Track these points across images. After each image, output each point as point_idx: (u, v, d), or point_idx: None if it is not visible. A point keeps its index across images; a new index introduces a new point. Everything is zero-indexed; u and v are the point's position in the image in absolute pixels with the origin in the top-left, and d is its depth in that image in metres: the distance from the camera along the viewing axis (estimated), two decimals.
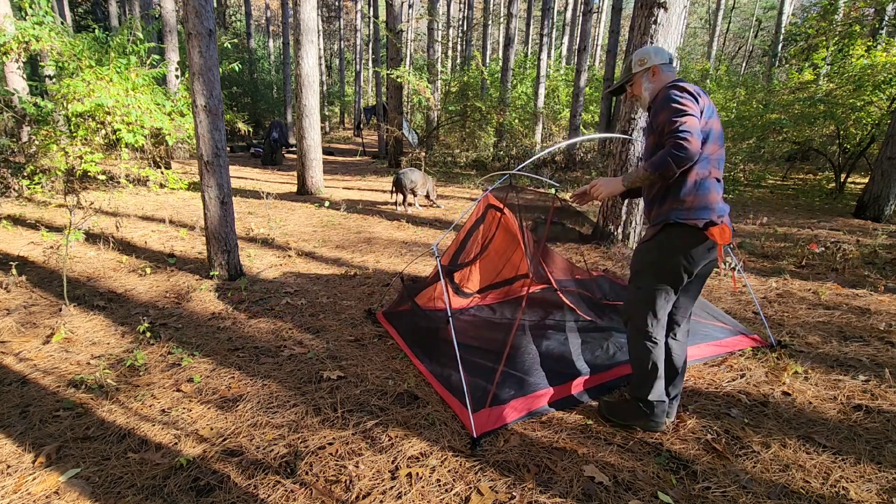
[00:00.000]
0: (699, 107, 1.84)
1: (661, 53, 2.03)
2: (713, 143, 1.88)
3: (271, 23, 25.24)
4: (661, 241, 1.93)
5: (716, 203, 1.86)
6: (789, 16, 14.79)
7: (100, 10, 19.61)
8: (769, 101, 9.36)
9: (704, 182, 1.86)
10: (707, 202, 1.85)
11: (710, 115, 1.88)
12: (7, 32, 6.04)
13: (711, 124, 1.88)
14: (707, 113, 1.87)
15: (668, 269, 1.91)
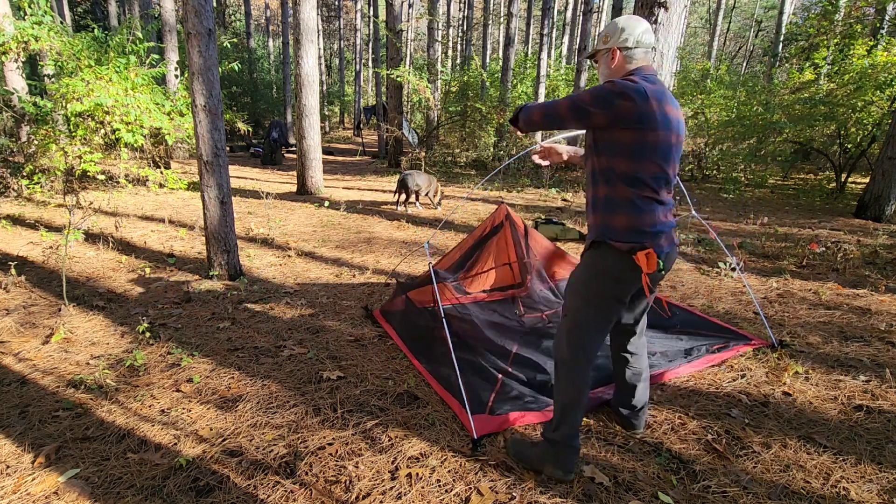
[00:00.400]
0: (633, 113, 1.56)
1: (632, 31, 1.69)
2: (655, 160, 1.61)
3: (271, 22, 25.24)
4: (587, 262, 1.75)
5: (651, 226, 1.63)
6: (790, 16, 14.79)
7: (99, 9, 19.60)
8: (769, 102, 9.36)
9: (638, 201, 1.63)
10: (639, 224, 1.63)
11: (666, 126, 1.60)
12: (6, 32, 6.04)
13: (658, 138, 1.60)
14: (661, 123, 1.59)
15: (596, 295, 1.72)
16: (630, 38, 1.69)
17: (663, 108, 1.60)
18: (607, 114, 1.58)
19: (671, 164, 1.66)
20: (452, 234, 5.43)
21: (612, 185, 1.66)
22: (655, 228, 1.64)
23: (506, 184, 9.23)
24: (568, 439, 1.76)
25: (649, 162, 1.61)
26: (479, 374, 2.42)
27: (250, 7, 19.59)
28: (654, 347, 2.72)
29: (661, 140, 1.60)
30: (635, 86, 1.58)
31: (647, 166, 1.62)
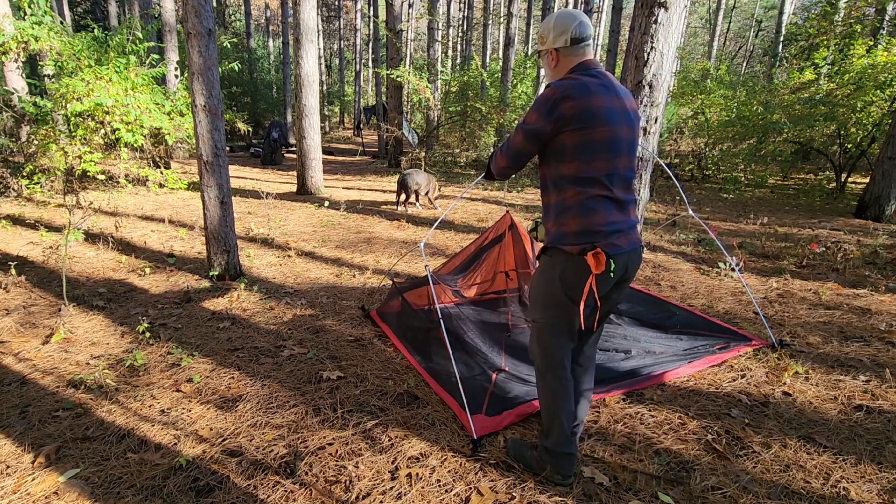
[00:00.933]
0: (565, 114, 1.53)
1: (565, 29, 1.62)
2: (604, 157, 1.56)
3: (271, 22, 25.25)
4: (541, 268, 1.71)
5: (603, 225, 1.57)
6: (790, 16, 14.78)
7: (99, 9, 19.60)
8: (769, 102, 9.36)
9: (587, 202, 1.58)
10: (590, 225, 1.57)
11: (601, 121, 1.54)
12: (6, 32, 6.04)
13: (605, 134, 1.55)
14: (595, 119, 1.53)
15: (553, 299, 1.66)
16: (564, 37, 1.64)
17: (608, 101, 1.56)
18: (554, 122, 1.55)
19: (622, 159, 1.60)
20: (452, 234, 5.43)
21: (562, 189, 1.62)
22: (610, 227, 1.58)
23: (505, 183, 9.22)
24: (560, 446, 1.72)
25: (598, 160, 1.57)
26: (475, 374, 2.42)
27: (250, 7, 19.59)
28: (654, 347, 2.73)
29: (609, 135, 1.56)
30: (574, 83, 1.55)
31: (596, 165, 1.57)
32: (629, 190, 1.66)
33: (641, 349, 2.70)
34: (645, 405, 2.24)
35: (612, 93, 1.59)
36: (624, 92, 1.64)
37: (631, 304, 3.37)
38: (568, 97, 1.53)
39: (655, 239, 5.31)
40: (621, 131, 1.58)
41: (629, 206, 1.66)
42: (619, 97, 1.61)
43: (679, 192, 3.95)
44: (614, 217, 1.60)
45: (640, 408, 2.22)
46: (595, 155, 1.56)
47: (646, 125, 4.56)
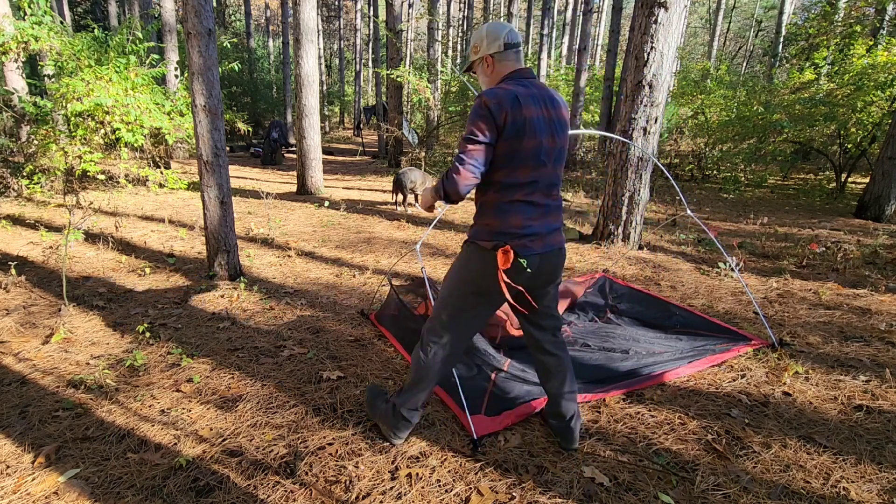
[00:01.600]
0: (501, 123, 1.57)
1: (497, 36, 1.69)
2: (527, 165, 1.63)
3: (271, 22, 25.24)
4: (459, 256, 1.81)
5: (519, 227, 1.66)
6: (790, 16, 14.78)
7: (99, 9, 19.60)
8: (769, 102, 9.36)
9: (506, 205, 1.66)
10: (505, 226, 1.66)
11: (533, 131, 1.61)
12: (6, 32, 6.04)
13: (532, 143, 1.61)
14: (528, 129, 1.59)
15: (459, 286, 1.78)
16: (497, 42, 1.71)
17: (537, 112, 1.63)
18: (494, 128, 1.59)
19: (546, 168, 1.68)
20: (452, 234, 5.43)
21: (486, 192, 1.71)
22: (525, 230, 1.67)
23: None
24: (404, 408, 1.88)
25: (522, 168, 1.64)
26: (474, 374, 2.42)
27: (250, 7, 19.58)
28: (653, 347, 2.73)
29: (534, 146, 1.63)
30: (506, 93, 1.60)
31: (520, 173, 1.65)
32: (552, 196, 1.75)
33: (641, 349, 2.70)
34: (645, 405, 2.24)
35: (542, 103, 1.66)
36: (556, 102, 1.71)
37: (631, 304, 3.37)
38: (502, 107, 1.58)
39: (655, 239, 5.31)
40: (547, 142, 1.66)
41: (551, 211, 1.75)
42: (549, 107, 1.68)
43: (679, 193, 3.95)
44: (531, 221, 1.69)
45: (640, 408, 2.22)
46: (520, 164, 1.64)
47: (646, 125, 4.57)
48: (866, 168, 9.12)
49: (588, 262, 4.46)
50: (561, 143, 1.71)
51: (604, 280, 3.69)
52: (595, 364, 2.55)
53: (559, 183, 1.77)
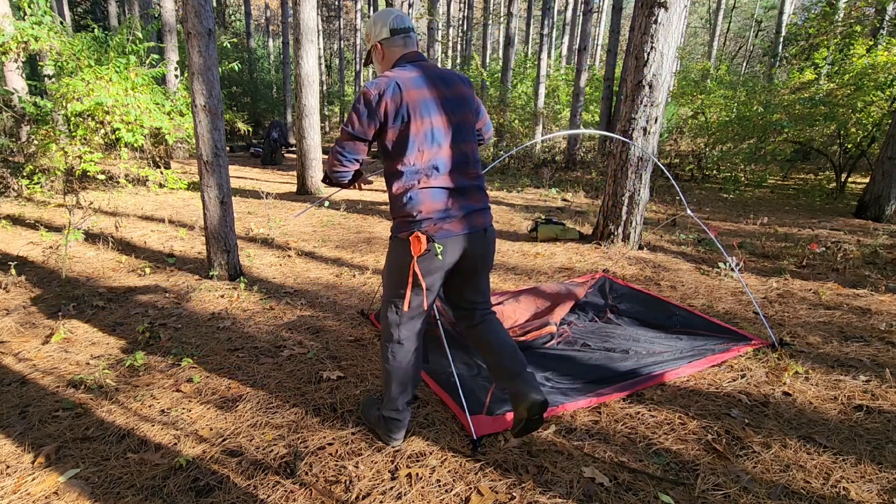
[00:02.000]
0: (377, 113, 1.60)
1: (385, 22, 1.71)
2: (426, 148, 1.63)
3: (271, 22, 25.24)
4: (388, 251, 1.83)
5: (431, 213, 1.65)
6: (790, 16, 14.79)
7: (99, 9, 19.60)
8: (769, 102, 9.36)
9: (412, 194, 1.66)
10: (420, 212, 1.66)
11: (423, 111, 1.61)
12: (6, 32, 6.04)
13: (415, 128, 1.61)
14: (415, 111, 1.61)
15: (393, 279, 1.78)
16: (385, 29, 1.73)
17: (423, 94, 1.63)
18: (374, 123, 1.63)
19: (445, 147, 1.67)
20: None
21: (391, 183, 1.71)
22: (438, 214, 1.66)
23: (505, 184, 9.23)
24: (387, 411, 1.88)
25: (416, 153, 1.64)
26: (475, 374, 2.42)
27: (250, 7, 19.58)
28: (653, 347, 2.73)
29: (425, 127, 1.63)
30: (388, 81, 1.61)
31: (416, 158, 1.64)
32: (467, 175, 1.72)
33: (641, 349, 2.70)
34: (645, 405, 2.24)
35: (431, 84, 1.65)
36: (449, 79, 1.71)
37: (631, 304, 3.37)
38: (381, 98, 1.60)
39: (655, 239, 5.31)
40: (439, 122, 1.65)
41: (468, 192, 1.73)
42: (440, 86, 1.68)
43: (678, 192, 3.95)
44: (444, 204, 1.68)
45: (640, 408, 2.22)
46: (414, 149, 1.64)
47: (646, 125, 4.57)
48: (866, 168, 9.12)
49: (588, 261, 4.46)
50: (459, 119, 1.70)
51: (604, 280, 3.69)
52: (595, 364, 2.55)
53: (472, 161, 1.75)
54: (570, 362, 2.58)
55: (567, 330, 2.98)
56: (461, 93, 1.72)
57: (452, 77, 1.72)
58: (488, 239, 1.81)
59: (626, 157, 4.65)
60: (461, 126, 1.71)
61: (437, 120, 1.65)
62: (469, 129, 1.74)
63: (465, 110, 1.73)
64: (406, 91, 1.61)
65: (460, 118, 1.71)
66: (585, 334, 2.93)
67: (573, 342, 2.83)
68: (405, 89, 1.61)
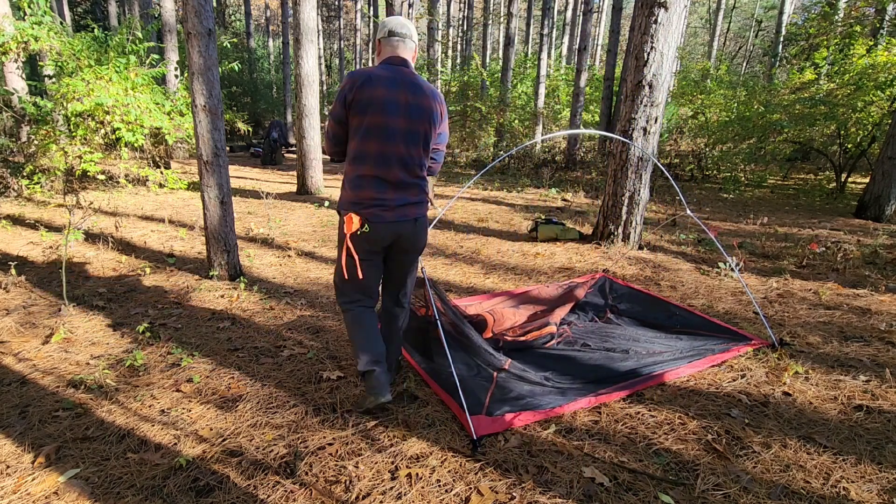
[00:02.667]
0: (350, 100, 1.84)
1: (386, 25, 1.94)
2: (376, 141, 1.85)
3: (271, 22, 25.24)
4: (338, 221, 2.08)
5: (367, 199, 1.90)
6: (790, 16, 14.79)
7: (99, 9, 19.60)
8: (769, 102, 9.36)
9: (357, 179, 1.91)
10: (358, 197, 1.92)
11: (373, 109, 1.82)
12: (6, 32, 6.04)
13: (368, 120, 1.83)
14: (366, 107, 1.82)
15: (338, 252, 2.07)
16: (384, 30, 1.96)
17: (390, 94, 1.84)
18: (346, 107, 1.87)
19: (397, 145, 1.88)
20: (452, 234, 5.43)
21: (347, 164, 1.96)
22: (374, 201, 1.91)
23: (505, 184, 9.23)
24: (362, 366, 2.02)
25: (370, 142, 1.86)
26: (475, 374, 2.42)
27: (250, 7, 19.58)
28: (653, 347, 2.73)
29: (381, 122, 1.84)
30: (365, 74, 1.84)
31: (369, 146, 1.87)
32: (408, 173, 1.94)
33: (641, 349, 2.70)
34: (645, 405, 2.24)
35: (400, 87, 1.86)
36: (419, 90, 1.90)
37: (631, 304, 3.37)
38: (354, 87, 1.84)
39: (655, 239, 5.31)
40: (397, 122, 1.86)
41: (406, 187, 1.95)
42: (408, 93, 1.87)
43: (678, 192, 3.95)
44: (380, 194, 1.91)
45: (640, 408, 2.22)
46: (367, 137, 1.87)
47: (646, 125, 4.57)
48: (866, 168, 9.12)
49: (588, 261, 4.46)
50: (415, 126, 1.90)
51: (604, 280, 3.69)
52: (595, 364, 2.55)
53: (418, 164, 1.95)
54: (570, 362, 2.58)
55: (567, 330, 2.98)
56: (425, 104, 1.90)
57: (422, 88, 1.91)
58: (418, 227, 2.03)
59: (626, 157, 4.65)
60: (413, 132, 1.90)
61: (393, 120, 1.85)
62: (421, 136, 1.93)
63: (423, 120, 1.91)
64: (375, 87, 1.82)
65: (416, 125, 1.90)
66: (585, 334, 2.93)
67: (573, 342, 2.83)
68: (375, 85, 1.82)
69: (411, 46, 1.98)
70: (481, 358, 2.52)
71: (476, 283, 3.90)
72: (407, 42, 1.96)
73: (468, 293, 3.67)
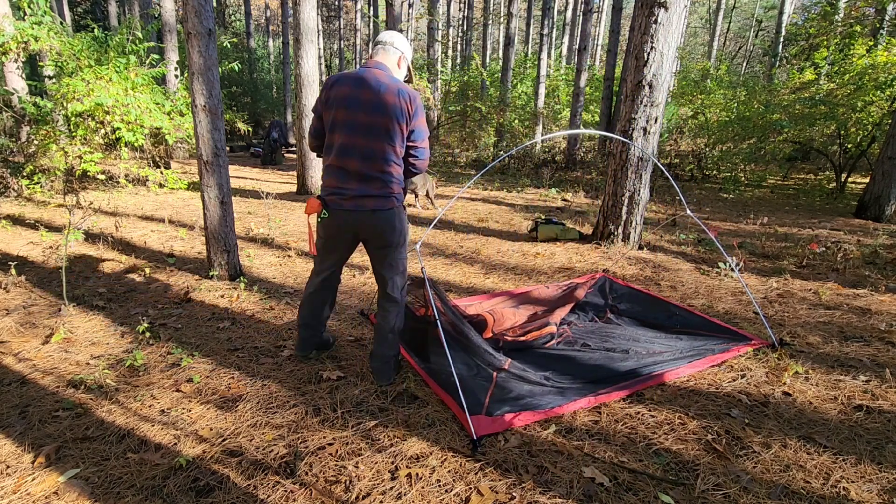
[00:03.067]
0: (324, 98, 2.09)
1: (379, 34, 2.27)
2: (336, 133, 2.08)
3: (271, 22, 25.24)
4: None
5: (330, 186, 2.14)
6: (790, 16, 14.79)
7: (99, 9, 19.60)
8: (769, 102, 9.36)
9: (325, 168, 2.16)
10: (324, 184, 2.18)
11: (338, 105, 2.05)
12: (6, 32, 6.04)
13: (334, 115, 2.07)
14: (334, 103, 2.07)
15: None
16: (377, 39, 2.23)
17: (353, 92, 2.04)
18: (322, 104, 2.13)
19: (358, 138, 2.06)
20: (452, 234, 5.43)
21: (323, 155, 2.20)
22: (335, 190, 2.13)
23: (505, 184, 9.23)
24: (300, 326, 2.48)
25: (335, 135, 2.09)
26: (475, 374, 2.42)
27: (250, 7, 19.59)
28: (654, 347, 2.73)
29: (344, 117, 2.05)
30: (336, 75, 2.11)
31: (334, 138, 2.09)
32: (369, 166, 2.09)
33: (641, 349, 2.70)
34: (645, 405, 2.24)
35: (364, 86, 2.05)
36: (376, 87, 2.05)
37: (631, 304, 3.37)
38: (328, 86, 2.10)
39: (655, 239, 5.31)
40: (358, 116, 2.05)
41: (367, 179, 2.10)
42: (368, 90, 2.04)
43: (678, 192, 3.94)
44: (340, 183, 2.12)
45: (640, 408, 2.22)
46: (334, 131, 2.09)
47: (646, 125, 4.57)
48: (866, 168, 9.12)
49: (588, 261, 4.46)
50: (375, 120, 2.05)
51: (604, 280, 3.69)
52: (595, 364, 2.55)
53: (380, 157, 2.09)
54: (570, 362, 2.58)
55: (567, 330, 2.98)
56: (386, 100, 2.05)
57: (386, 86, 2.05)
58: (377, 219, 2.15)
59: (626, 157, 4.65)
60: (373, 125, 2.05)
61: (354, 114, 2.04)
62: (381, 130, 2.06)
63: (383, 114, 2.05)
64: (343, 86, 2.05)
65: (375, 119, 2.05)
66: (585, 334, 2.93)
67: (573, 342, 2.83)
68: (342, 84, 2.05)
69: (392, 52, 2.17)
70: (481, 358, 2.52)
71: (476, 283, 3.90)
72: (388, 48, 2.16)
73: (468, 293, 3.67)
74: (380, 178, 2.11)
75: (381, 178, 2.12)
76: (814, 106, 8.30)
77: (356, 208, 2.12)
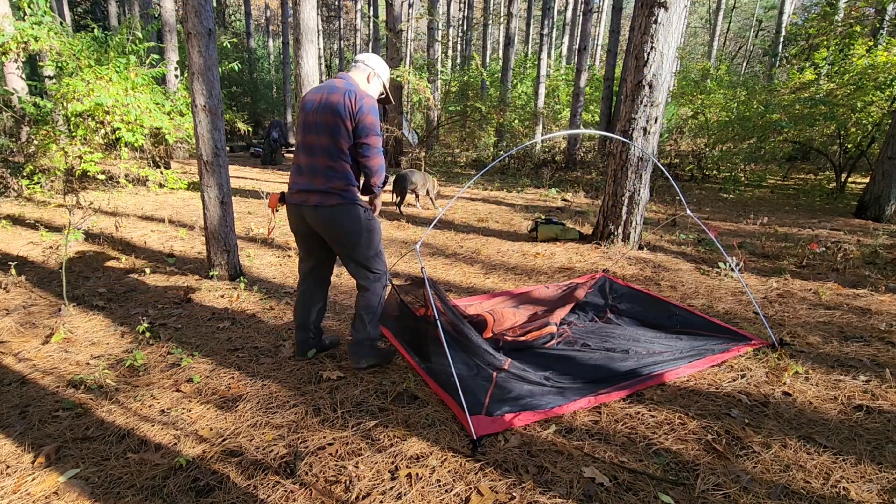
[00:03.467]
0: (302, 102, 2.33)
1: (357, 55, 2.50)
2: (299, 132, 2.31)
3: (271, 22, 25.25)
4: None
5: (293, 184, 2.33)
6: (790, 16, 14.78)
7: (99, 9, 19.60)
8: (769, 102, 9.36)
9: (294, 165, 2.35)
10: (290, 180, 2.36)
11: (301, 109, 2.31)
12: (6, 32, 6.03)
13: (300, 118, 2.31)
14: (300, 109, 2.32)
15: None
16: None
17: (313, 96, 2.26)
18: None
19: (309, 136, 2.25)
20: (452, 234, 5.43)
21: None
22: (293, 185, 2.33)
23: (505, 184, 9.23)
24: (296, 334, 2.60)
25: (298, 135, 2.32)
26: (475, 374, 2.42)
27: (250, 7, 19.59)
28: (653, 347, 2.73)
29: (303, 119, 2.28)
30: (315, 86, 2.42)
31: (297, 137, 2.34)
32: (314, 161, 2.25)
33: (641, 349, 2.70)
34: (645, 405, 2.24)
35: (322, 91, 2.25)
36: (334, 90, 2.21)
37: (631, 304, 3.37)
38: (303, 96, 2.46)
39: (655, 239, 5.31)
40: (309, 116, 2.25)
41: (312, 174, 2.25)
42: (325, 93, 2.23)
43: (678, 192, 3.93)
44: (294, 177, 2.33)
45: (640, 408, 2.22)
46: (298, 133, 2.32)
47: (646, 125, 4.57)
48: (866, 168, 9.12)
49: (588, 261, 4.46)
50: (320, 118, 2.21)
51: (604, 280, 3.69)
52: (595, 364, 2.55)
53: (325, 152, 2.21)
54: (570, 362, 2.58)
55: (567, 330, 2.98)
56: (333, 100, 2.19)
57: (337, 89, 2.21)
58: (320, 215, 2.25)
59: (626, 157, 4.65)
60: (319, 122, 2.22)
61: (307, 115, 2.25)
62: (324, 126, 2.20)
63: (327, 112, 2.19)
64: (310, 92, 2.30)
65: (321, 117, 2.21)
66: (585, 334, 2.93)
67: (573, 342, 2.83)
68: (311, 92, 2.30)
69: (362, 69, 2.38)
70: (481, 358, 2.52)
71: (476, 283, 3.90)
72: (359, 65, 2.40)
73: (468, 293, 3.67)
74: (322, 174, 2.23)
75: (324, 174, 2.23)
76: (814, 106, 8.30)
77: (301, 202, 2.27)
